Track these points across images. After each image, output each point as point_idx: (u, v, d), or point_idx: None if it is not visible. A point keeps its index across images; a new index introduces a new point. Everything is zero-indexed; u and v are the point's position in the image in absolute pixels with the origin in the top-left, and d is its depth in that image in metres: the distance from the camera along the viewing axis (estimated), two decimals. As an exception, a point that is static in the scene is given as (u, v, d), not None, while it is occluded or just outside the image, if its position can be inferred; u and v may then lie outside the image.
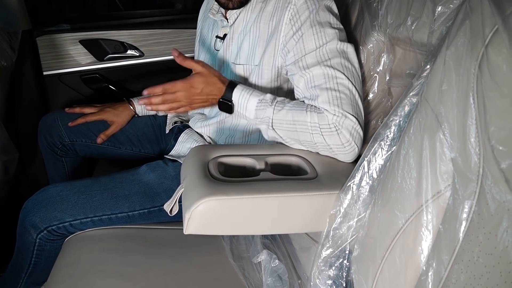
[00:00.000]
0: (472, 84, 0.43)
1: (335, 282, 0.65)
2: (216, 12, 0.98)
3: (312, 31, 0.77)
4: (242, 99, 0.80)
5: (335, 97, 0.73)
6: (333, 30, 0.78)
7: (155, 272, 0.82)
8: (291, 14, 0.78)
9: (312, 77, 0.76)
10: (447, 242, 0.45)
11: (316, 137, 0.74)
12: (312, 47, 0.77)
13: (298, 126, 0.75)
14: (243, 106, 0.80)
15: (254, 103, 0.79)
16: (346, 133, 0.72)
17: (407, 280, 0.49)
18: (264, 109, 0.78)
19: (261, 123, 0.80)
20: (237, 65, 0.91)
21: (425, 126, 0.50)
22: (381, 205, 0.56)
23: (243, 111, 0.81)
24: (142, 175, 0.96)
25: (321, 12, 0.78)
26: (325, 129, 0.73)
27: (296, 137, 0.77)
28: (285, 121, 0.76)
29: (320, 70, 0.75)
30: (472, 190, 0.42)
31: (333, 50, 0.76)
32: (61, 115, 1.16)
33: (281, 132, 0.78)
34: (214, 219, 0.64)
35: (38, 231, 0.87)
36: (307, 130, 0.74)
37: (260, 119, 0.79)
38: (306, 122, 0.74)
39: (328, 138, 0.73)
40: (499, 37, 0.40)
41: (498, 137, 0.39)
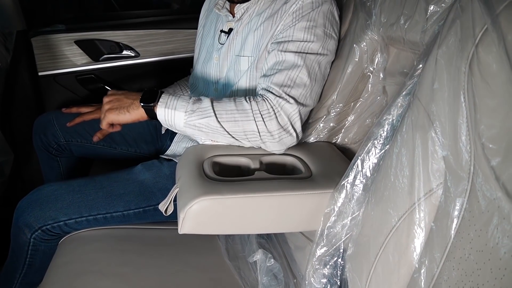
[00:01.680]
0: (463, 83, 0.43)
1: (329, 281, 0.65)
2: (221, 7, 0.99)
3: (306, 24, 0.81)
4: (171, 97, 0.79)
5: (288, 83, 0.78)
6: (323, 34, 0.82)
7: (151, 272, 0.82)
8: (297, 7, 0.82)
9: (283, 61, 0.80)
10: (439, 239, 0.45)
11: (259, 124, 0.75)
12: (299, 37, 0.81)
13: (239, 115, 0.75)
14: (173, 101, 0.78)
15: (186, 97, 0.79)
16: (284, 116, 0.76)
17: (400, 277, 0.50)
18: (199, 101, 0.77)
19: (197, 116, 0.76)
20: (242, 57, 0.92)
21: (417, 125, 0.50)
22: (374, 204, 0.56)
23: (172, 105, 0.77)
24: (137, 174, 0.95)
25: (321, 14, 0.82)
26: (266, 114, 0.75)
27: (240, 128, 0.76)
28: (224, 111, 0.76)
29: (292, 59, 0.79)
30: (463, 188, 0.43)
31: (313, 50, 0.81)
32: (56, 115, 1.16)
33: (225, 124, 0.76)
34: (209, 219, 0.64)
35: (32, 230, 0.87)
36: (250, 118, 0.75)
37: (196, 111, 0.76)
38: (247, 110, 0.75)
39: (269, 124, 0.75)
40: (489, 37, 0.41)
41: (488, 135, 0.40)
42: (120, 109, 0.80)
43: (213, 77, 1.00)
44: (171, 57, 1.51)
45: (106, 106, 0.81)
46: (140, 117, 0.80)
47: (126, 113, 0.80)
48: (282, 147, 0.79)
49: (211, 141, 0.84)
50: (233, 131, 0.77)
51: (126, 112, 0.79)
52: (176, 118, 0.77)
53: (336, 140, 0.87)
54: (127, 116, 0.80)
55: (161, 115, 0.78)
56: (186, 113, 0.76)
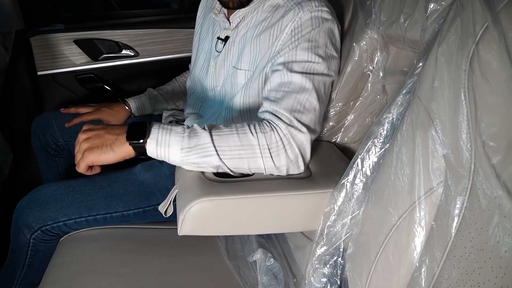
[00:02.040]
0: (463, 81, 0.43)
1: (329, 280, 0.65)
2: (218, 12, 0.96)
3: (308, 45, 0.76)
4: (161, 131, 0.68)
5: (298, 108, 0.71)
6: (325, 55, 0.77)
7: (150, 272, 0.81)
8: (294, 26, 0.78)
9: (289, 83, 0.74)
10: (440, 238, 0.45)
11: (266, 161, 0.67)
12: (303, 58, 0.75)
13: (244, 152, 0.67)
14: (165, 137, 0.67)
15: (179, 130, 0.68)
16: (295, 147, 0.69)
17: (401, 276, 0.50)
18: (196, 134, 0.67)
19: (196, 155, 0.66)
20: (239, 70, 0.89)
21: (418, 123, 0.50)
22: (374, 203, 0.56)
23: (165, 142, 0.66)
24: (137, 174, 0.95)
25: (322, 33, 0.78)
26: (274, 149, 0.67)
27: (246, 165, 0.68)
28: (228, 147, 0.66)
29: (300, 80, 0.73)
30: (464, 186, 0.43)
31: (319, 71, 0.76)
32: (55, 115, 1.15)
33: (227, 161, 0.67)
34: (208, 220, 0.64)
35: (32, 231, 0.87)
36: (256, 155, 0.67)
37: (193, 148, 0.66)
38: (253, 146, 0.67)
39: (277, 160, 0.68)
40: (489, 34, 0.40)
41: (489, 133, 0.40)
42: (102, 147, 0.68)
43: (210, 84, 0.99)
44: (170, 56, 1.51)
45: (84, 145, 0.68)
46: (127, 154, 0.68)
47: (109, 151, 0.67)
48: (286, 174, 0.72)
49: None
50: (236, 167, 0.69)
51: (109, 151, 0.67)
52: (171, 155, 0.67)
53: (336, 139, 0.87)
54: (111, 155, 0.68)
55: (152, 153, 0.68)
56: (182, 150, 0.66)
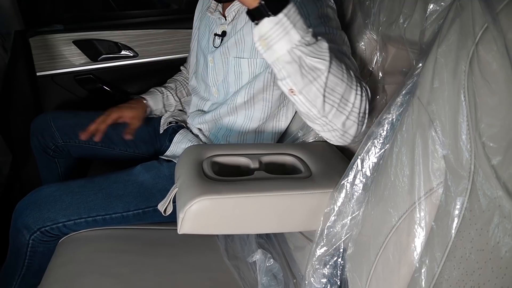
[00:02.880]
0: (463, 82, 0.43)
1: (329, 281, 0.65)
2: (213, 11, 0.98)
3: (321, 20, 0.76)
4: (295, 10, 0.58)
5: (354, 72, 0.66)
6: (337, 26, 0.79)
7: (150, 273, 0.81)
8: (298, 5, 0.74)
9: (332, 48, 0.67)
10: (440, 239, 0.45)
11: (357, 98, 0.63)
12: (323, 32, 0.73)
13: (347, 76, 0.62)
14: (295, 16, 0.57)
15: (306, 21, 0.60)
16: (367, 103, 0.65)
17: (401, 277, 0.50)
18: (315, 36, 0.60)
19: (310, 51, 0.58)
20: (241, 59, 0.90)
21: (417, 124, 0.50)
22: (374, 203, 0.56)
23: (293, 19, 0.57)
24: (136, 175, 0.95)
25: (328, 9, 0.80)
26: (364, 92, 0.65)
27: (342, 90, 0.62)
28: (337, 64, 0.61)
29: (333, 48, 0.66)
30: (464, 187, 0.43)
31: (341, 39, 0.75)
32: (54, 116, 1.15)
33: (331, 77, 0.60)
34: (208, 219, 0.64)
35: (31, 232, 0.87)
36: (353, 87, 0.63)
37: (312, 45, 0.58)
38: (353, 78, 0.63)
39: (363, 103, 0.64)
40: (489, 35, 0.40)
41: (489, 134, 0.40)
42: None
43: (211, 80, 1.00)
44: (170, 57, 1.51)
45: None
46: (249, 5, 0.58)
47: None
48: (354, 133, 0.66)
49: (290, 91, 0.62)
50: (332, 90, 0.61)
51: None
52: (287, 36, 0.56)
53: (336, 140, 0.87)
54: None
55: (270, 23, 0.56)
56: (302, 38, 0.57)
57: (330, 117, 0.63)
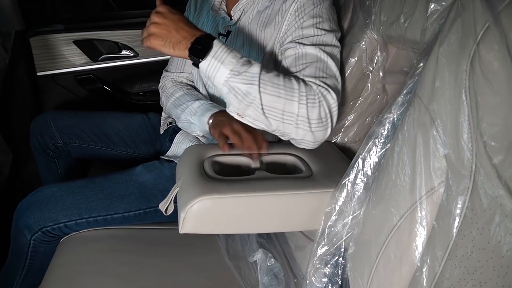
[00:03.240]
0: (464, 81, 0.43)
1: (330, 280, 0.65)
2: (218, 9, 0.97)
3: (313, 21, 0.80)
4: (222, 48, 0.69)
5: (321, 74, 0.73)
6: (330, 29, 0.81)
7: (151, 272, 0.81)
8: (297, 6, 0.82)
9: (305, 54, 0.76)
10: (441, 238, 0.45)
11: (301, 108, 0.68)
12: (310, 33, 0.79)
13: (284, 92, 0.68)
14: (222, 54, 0.68)
15: (237, 54, 0.70)
16: (326, 107, 0.70)
17: (402, 276, 0.50)
18: (248, 64, 0.69)
19: (240, 80, 0.67)
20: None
21: (419, 123, 0.50)
22: (375, 202, 0.56)
23: (221, 58, 0.68)
24: (137, 175, 0.95)
25: (324, 10, 0.82)
26: (311, 100, 0.69)
27: (281, 106, 0.68)
28: (271, 83, 0.68)
29: (314, 51, 0.76)
30: (465, 186, 0.43)
31: (328, 42, 0.79)
32: (53, 116, 1.15)
33: (265, 96, 0.67)
34: (209, 218, 0.64)
35: (32, 232, 0.87)
36: (294, 98, 0.68)
37: (242, 73, 0.67)
38: (294, 89, 0.68)
39: (311, 111, 0.68)
40: (491, 34, 0.41)
41: (490, 133, 0.40)
42: (166, 41, 0.71)
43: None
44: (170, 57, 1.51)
45: (152, 28, 0.71)
46: (183, 57, 0.71)
47: (170, 48, 0.71)
48: (313, 140, 0.71)
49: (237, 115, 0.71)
50: (271, 107, 0.68)
51: (170, 48, 0.71)
52: (219, 72, 0.68)
53: (336, 139, 0.87)
54: (170, 51, 0.71)
55: (203, 66, 0.69)
56: (231, 72, 0.67)
57: (281, 129, 0.70)
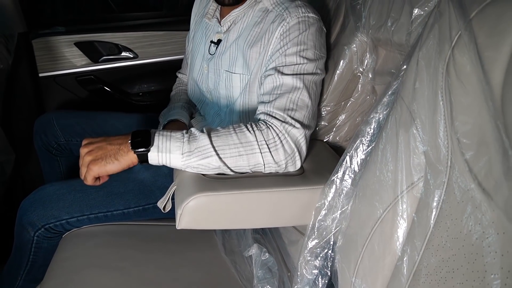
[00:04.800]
0: (440, 83, 0.46)
1: (320, 272, 0.68)
2: (211, 17, 0.98)
3: (296, 48, 0.80)
4: (161, 139, 0.69)
5: (291, 106, 0.75)
6: (313, 56, 0.81)
7: (150, 267, 0.84)
8: (283, 30, 0.81)
9: (281, 85, 0.78)
10: (420, 229, 0.48)
11: (265, 156, 0.70)
12: (293, 61, 0.79)
13: (243, 149, 0.70)
14: (165, 144, 0.69)
15: (179, 135, 0.70)
16: (291, 142, 0.72)
17: (385, 266, 0.53)
18: (195, 138, 0.69)
19: (196, 158, 0.68)
20: (233, 74, 0.91)
21: (401, 122, 0.53)
22: (361, 197, 0.59)
23: (166, 148, 0.68)
24: (136, 173, 0.98)
25: (310, 36, 0.81)
26: (272, 145, 0.71)
27: (245, 163, 0.70)
28: (227, 146, 0.69)
29: (291, 81, 0.77)
30: (441, 181, 0.46)
31: (308, 71, 0.80)
32: (56, 116, 1.18)
33: (227, 160, 0.69)
34: (205, 214, 0.67)
35: (35, 228, 0.90)
36: (255, 150, 0.70)
37: (194, 151, 0.68)
38: (252, 142, 0.70)
39: (275, 154, 0.71)
40: (463, 40, 0.44)
41: (463, 131, 0.43)
42: (106, 158, 0.68)
43: (205, 86, 1.01)
44: (169, 58, 1.54)
45: (87, 158, 0.68)
46: (131, 163, 0.70)
47: (114, 161, 0.68)
48: (285, 171, 0.74)
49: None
50: (236, 166, 0.71)
51: (114, 161, 0.68)
52: (172, 160, 0.69)
53: (328, 139, 0.90)
54: (115, 165, 0.68)
55: (154, 160, 0.69)
56: (183, 155, 0.68)
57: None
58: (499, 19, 0.39)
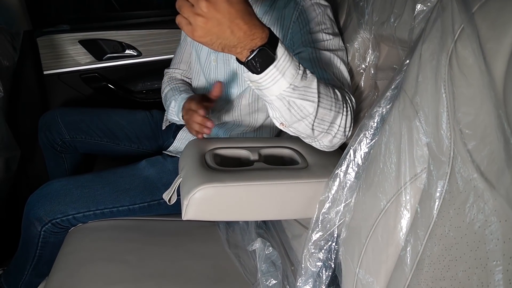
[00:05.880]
0: (443, 75, 0.47)
1: (324, 264, 0.69)
2: None
3: (319, 27, 0.84)
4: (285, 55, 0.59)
5: (341, 81, 0.78)
6: (333, 33, 0.85)
7: (154, 260, 0.85)
8: (298, 13, 0.85)
9: (320, 59, 0.77)
10: (423, 219, 0.49)
11: (343, 119, 0.67)
12: (320, 38, 0.83)
13: (335, 105, 0.66)
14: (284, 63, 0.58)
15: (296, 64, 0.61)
16: (351, 114, 0.70)
17: (389, 256, 0.54)
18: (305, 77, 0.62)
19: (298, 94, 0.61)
20: None
21: (404, 115, 0.54)
22: (365, 189, 0.60)
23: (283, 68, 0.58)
24: (142, 170, 0.99)
25: (326, 16, 0.87)
26: (349, 110, 0.68)
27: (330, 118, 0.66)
28: (326, 97, 0.65)
29: (328, 56, 0.80)
30: (444, 171, 0.47)
31: (336, 46, 0.84)
32: (61, 113, 1.20)
33: (320, 110, 0.64)
34: (210, 206, 0.68)
35: (42, 223, 0.91)
36: (340, 110, 0.67)
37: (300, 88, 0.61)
38: (341, 102, 0.67)
39: (348, 120, 0.68)
40: (466, 33, 0.45)
41: (465, 122, 0.44)
42: (216, 39, 0.55)
43: (213, 78, 1.02)
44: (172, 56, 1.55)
45: (198, 19, 0.53)
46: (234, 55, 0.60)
47: (219, 48, 0.57)
48: (333, 144, 0.71)
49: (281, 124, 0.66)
50: (322, 120, 0.65)
51: (219, 48, 0.57)
52: (276, 85, 0.59)
53: (332, 134, 0.91)
54: (219, 50, 0.58)
55: (262, 74, 0.58)
56: (290, 85, 0.60)
57: (318, 138, 0.69)
58: (501, 11, 0.40)
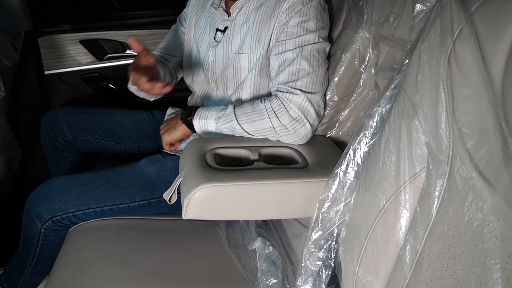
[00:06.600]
0: (442, 75, 0.48)
1: (324, 263, 0.69)
2: (217, 6, 1.03)
3: (299, 20, 0.88)
4: (203, 110, 0.93)
5: (293, 78, 0.85)
6: (315, 26, 0.88)
7: (155, 259, 0.86)
8: (288, 5, 0.89)
9: (284, 61, 0.88)
10: (422, 218, 0.49)
11: (273, 120, 0.84)
12: (294, 33, 0.87)
13: (256, 115, 0.85)
14: (205, 113, 0.92)
15: (216, 108, 0.92)
16: (295, 108, 0.83)
17: (388, 255, 0.54)
18: (224, 109, 0.90)
19: (223, 122, 0.89)
20: (241, 54, 0.96)
21: (403, 114, 0.54)
22: (365, 189, 0.60)
23: (205, 116, 0.92)
24: (142, 168, 1.00)
25: (312, 8, 0.88)
26: (278, 110, 0.84)
27: (259, 127, 0.86)
28: (244, 114, 0.87)
29: (291, 56, 0.87)
30: (443, 170, 0.47)
31: (309, 41, 0.87)
32: (63, 112, 1.20)
33: (245, 125, 0.87)
34: (211, 205, 0.68)
35: (43, 221, 0.91)
36: (264, 116, 0.84)
37: (222, 117, 0.89)
38: (262, 110, 0.85)
39: (282, 118, 0.83)
40: (465, 33, 0.45)
41: (464, 121, 0.44)
42: (170, 129, 0.97)
43: (211, 73, 1.04)
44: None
45: (161, 131, 1.01)
46: (186, 131, 0.96)
47: (174, 131, 0.96)
48: (298, 138, 0.85)
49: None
50: (253, 131, 0.87)
51: (174, 131, 0.96)
52: (208, 126, 0.91)
53: (331, 134, 0.92)
54: (175, 133, 0.96)
55: (196, 126, 0.93)
56: (215, 120, 0.90)
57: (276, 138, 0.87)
58: (500, 11, 0.41)
